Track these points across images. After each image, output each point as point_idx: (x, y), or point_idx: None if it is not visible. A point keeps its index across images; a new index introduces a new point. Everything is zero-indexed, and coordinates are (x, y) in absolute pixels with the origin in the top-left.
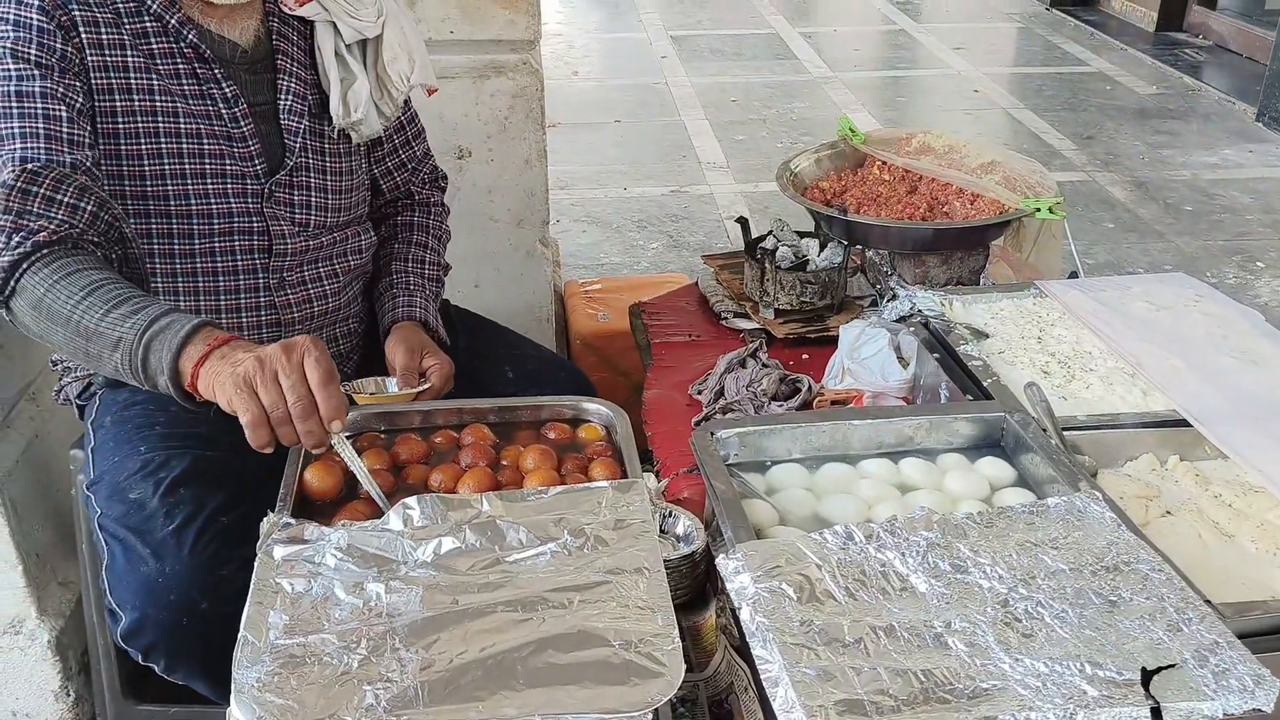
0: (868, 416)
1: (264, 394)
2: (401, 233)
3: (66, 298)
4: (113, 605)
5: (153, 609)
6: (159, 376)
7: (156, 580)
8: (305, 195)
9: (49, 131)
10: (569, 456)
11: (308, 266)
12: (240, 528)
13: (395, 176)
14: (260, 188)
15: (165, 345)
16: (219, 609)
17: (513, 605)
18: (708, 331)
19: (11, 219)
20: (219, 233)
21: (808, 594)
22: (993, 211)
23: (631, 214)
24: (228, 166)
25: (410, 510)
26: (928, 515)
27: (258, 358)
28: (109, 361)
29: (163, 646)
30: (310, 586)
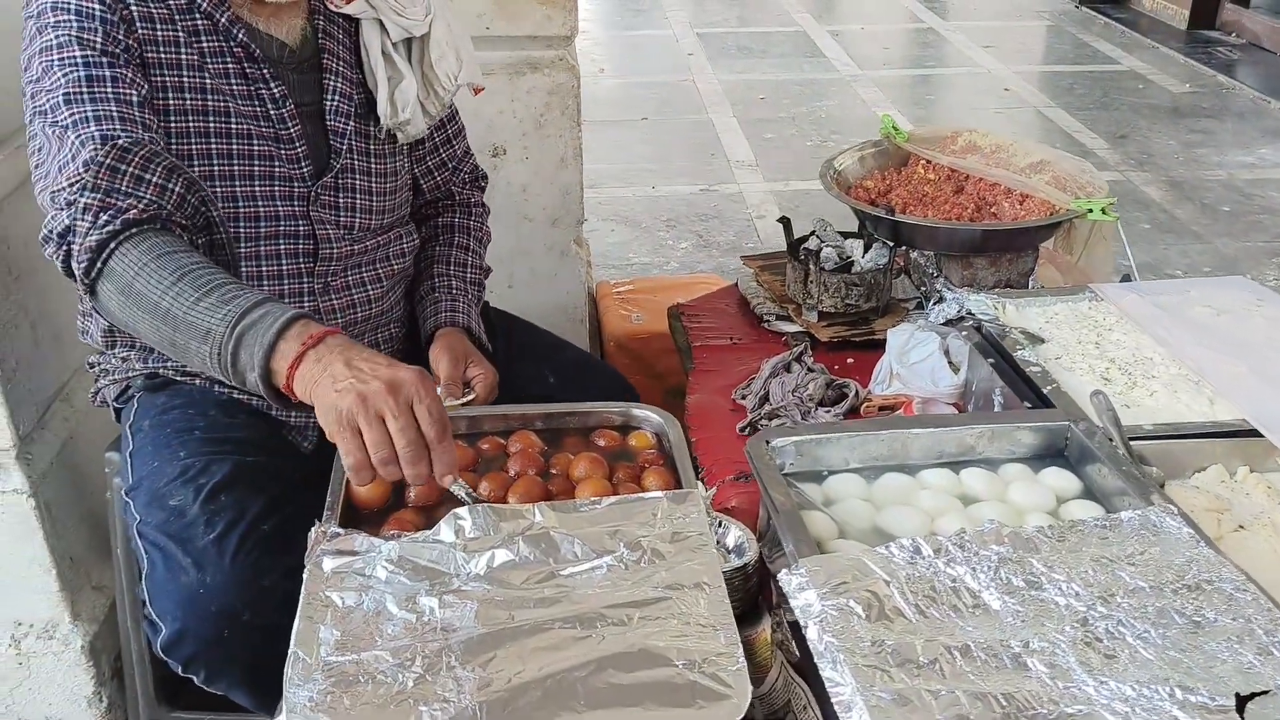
0: (927, 425)
1: (369, 436)
2: (443, 234)
3: (156, 282)
4: (152, 615)
5: (194, 620)
6: (248, 373)
7: (197, 591)
8: (351, 198)
9: (123, 114)
10: (620, 465)
11: (352, 270)
12: (281, 535)
13: (436, 176)
14: (307, 190)
15: (257, 341)
16: (260, 620)
17: (570, 622)
18: (749, 334)
19: (99, 197)
20: (265, 236)
21: (877, 611)
22: (1043, 212)
23: (660, 213)
24: (275, 169)
25: (462, 521)
26: (998, 529)
27: (360, 395)
28: (195, 353)
29: (203, 658)
30: (361, 600)
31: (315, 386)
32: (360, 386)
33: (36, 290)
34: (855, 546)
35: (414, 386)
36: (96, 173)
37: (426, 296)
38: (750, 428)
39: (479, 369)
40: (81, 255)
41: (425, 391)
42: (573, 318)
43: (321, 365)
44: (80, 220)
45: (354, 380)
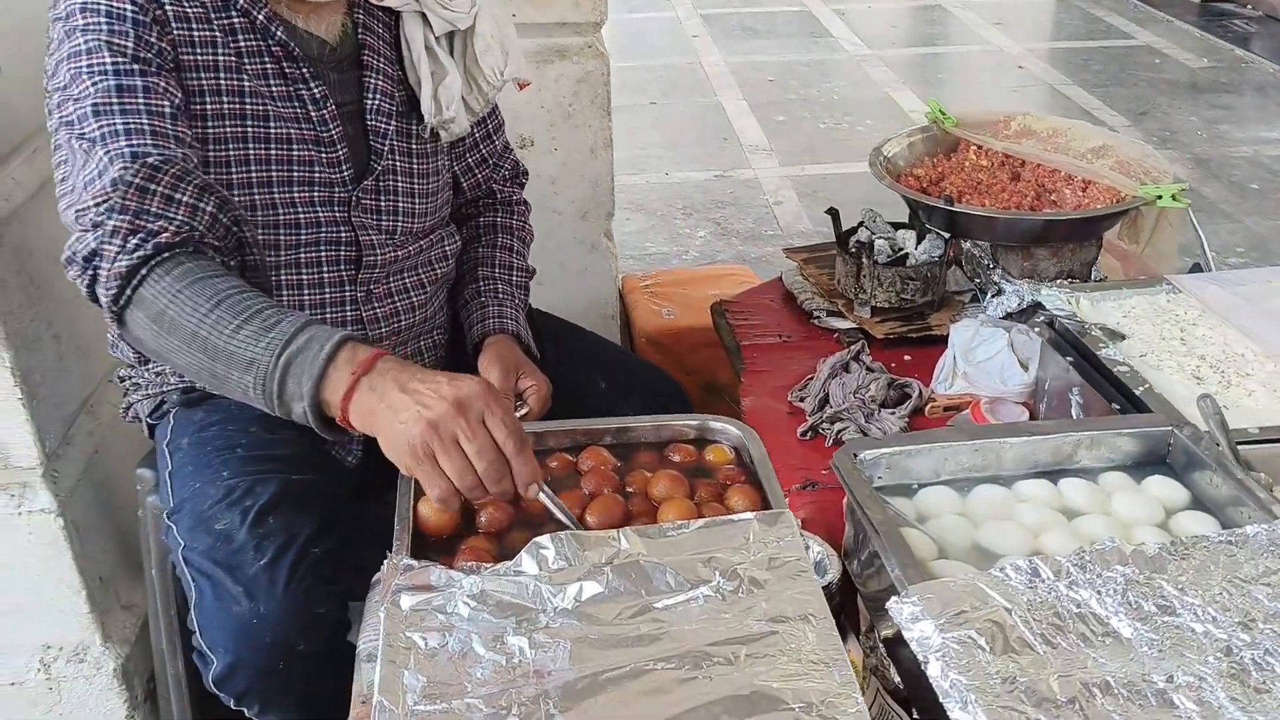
0: (1022, 434)
1: (448, 464)
2: (485, 235)
3: (192, 310)
4: (203, 647)
5: (247, 652)
6: (296, 404)
7: (250, 621)
8: (393, 200)
9: (155, 128)
10: (700, 482)
11: (394, 277)
12: (333, 558)
13: (477, 174)
14: (348, 195)
15: (305, 370)
16: (315, 649)
17: (673, 661)
18: (798, 331)
19: (129, 220)
20: (305, 244)
21: (1001, 644)
22: (1108, 199)
23: (675, 200)
24: (316, 173)
25: (544, 551)
26: (1119, 547)
27: (429, 424)
28: (237, 384)
29: (258, 691)
30: (445, 641)
31: (375, 419)
32: (426, 413)
33: (59, 301)
34: (960, 568)
35: (481, 400)
36: (125, 193)
37: (471, 302)
38: (811, 432)
39: (531, 380)
40: (110, 282)
41: (494, 403)
42: (604, 314)
43: (377, 395)
44: (108, 244)
45: (418, 408)
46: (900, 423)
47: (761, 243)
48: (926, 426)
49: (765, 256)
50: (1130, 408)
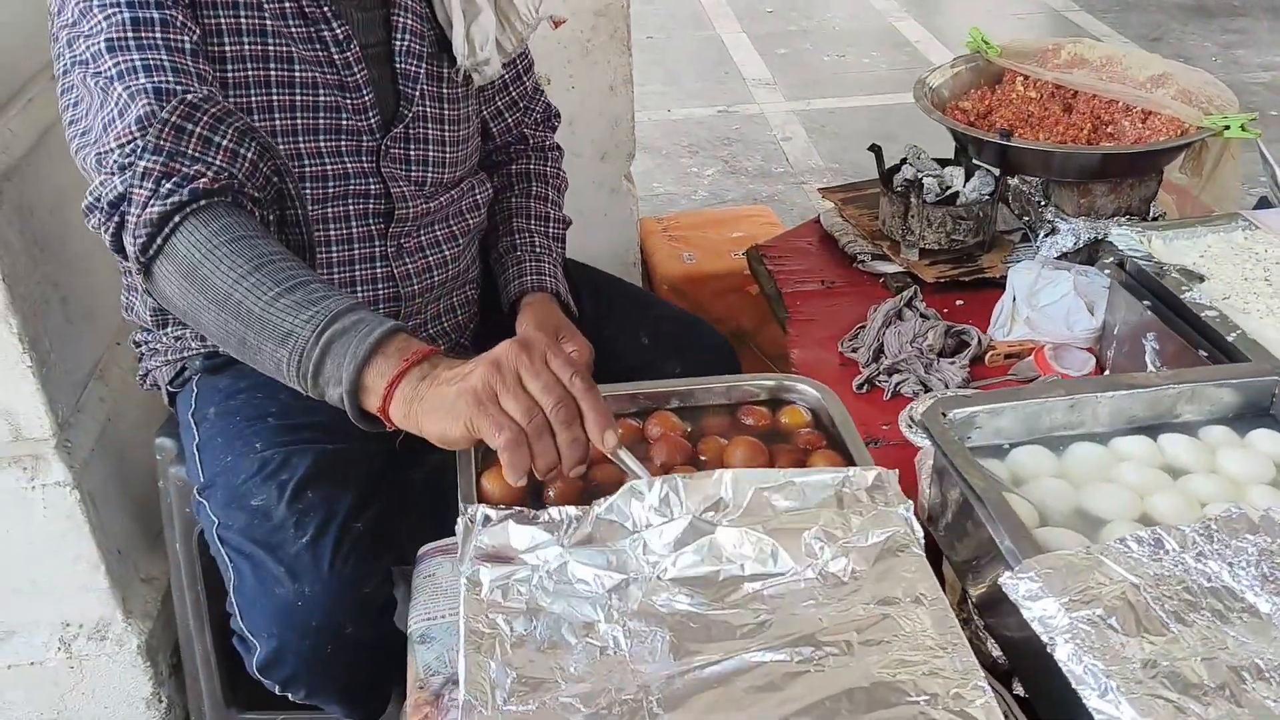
0: (1117, 387)
1: (513, 404)
2: (518, 184)
3: (229, 269)
4: (244, 632)
5: (293, 637)
6: (331, 387)
7: (295, 604)
8: (423, 149)
9: (176, 64)
10: (778, 448)
11: (425, 230)
12: (375, 534)
13: (506, 118)
14: (376, 144)
15: (348, 351)
16: (364, 632)
17: (782, 651)
18: (841, 276)
19: (162, 161)
20: (332, 197)
21: (1134, 623)
22: (1171, 131)
23: (680, 138)
24: (343, 121)
25: (638, 499)
26: (1247, 513)
27: (491, 362)
28: (269, 357)
29: (304, 677)
30: (532, 625)
31: (421, 404)
32: (488, 356)
33: (65, 262)
34: (1069, 536)
35: (544, 344)
36: (160, 131)
37: (507, 256)
38: (868, 385)
39: (573, 344)
40: (139, 230)
41: (557, 346)
42: (625, 260)
43: (429, 381)
44: (138, 187)
45: (475, 363)
46: (961, 373)
47: (772, 180)
48: (988, 375)
49: (777, 195)
50: (1220, 355)
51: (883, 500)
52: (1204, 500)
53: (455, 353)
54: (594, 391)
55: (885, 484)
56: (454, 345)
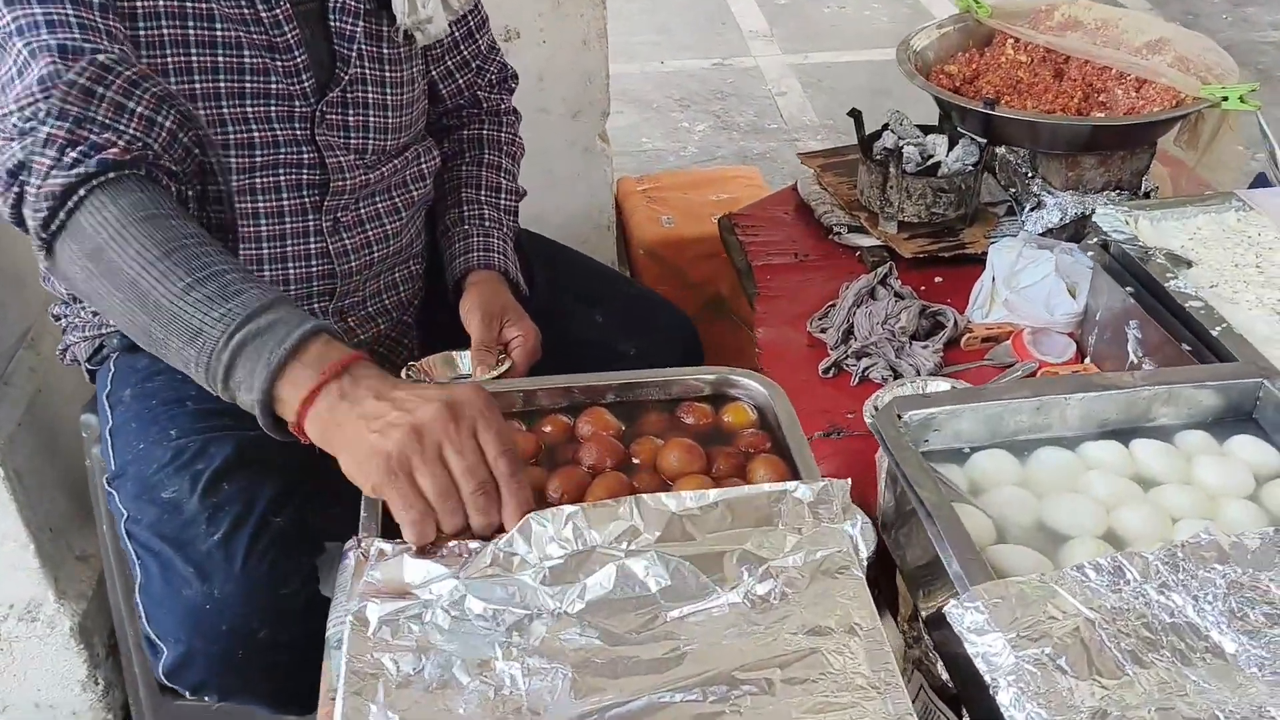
0: (1088, 388)
1: (428, 482)
2: (469, 150)
3: (137, 253)
4: (151, 635)
5: (201, 641)
6: (243, 393)
7: (203, 606)
8: (362, 115)
9: (82, 19)
10: (717, 451)
11: (365, 203)
12: (298, 528)
13: (458, 78)
14: (310, 110)
15: (261, 356)
16: (281, 636)
17: (695, 690)
18: (816, 249)
19: (67, 127)
20: (261, 168)
21: (1085, 664)
22: (1165, 101)
23: (672, 91)
24: (272, 85)
25: (541, 529)
26: (1217, 540)
27: (413, 427)
28: (177, 354)
29: (215, 683)
30: (421, 664)
31: (339, 432)
32: (409, 417)
33: None
34: (1026, 555)
35: (477, 409)
36: (66, 94)
37: (454, 229)
38: (835, 369)
39: (517, 329)
40: (40, 203)
41: (491, 413)
42: (598, 224)
43: (348, 403)
44: (39, 155)
45: (399, 412)
46: (934, 357)
47: (764, 136)
48: (963, 360)
49: (769, 152)
50: (1203, 350)
51: (827, 515)
52: (1176, 515)
53: (398, 330)
54: (518, 477)
55: (832, 497)
56: (396, 323)
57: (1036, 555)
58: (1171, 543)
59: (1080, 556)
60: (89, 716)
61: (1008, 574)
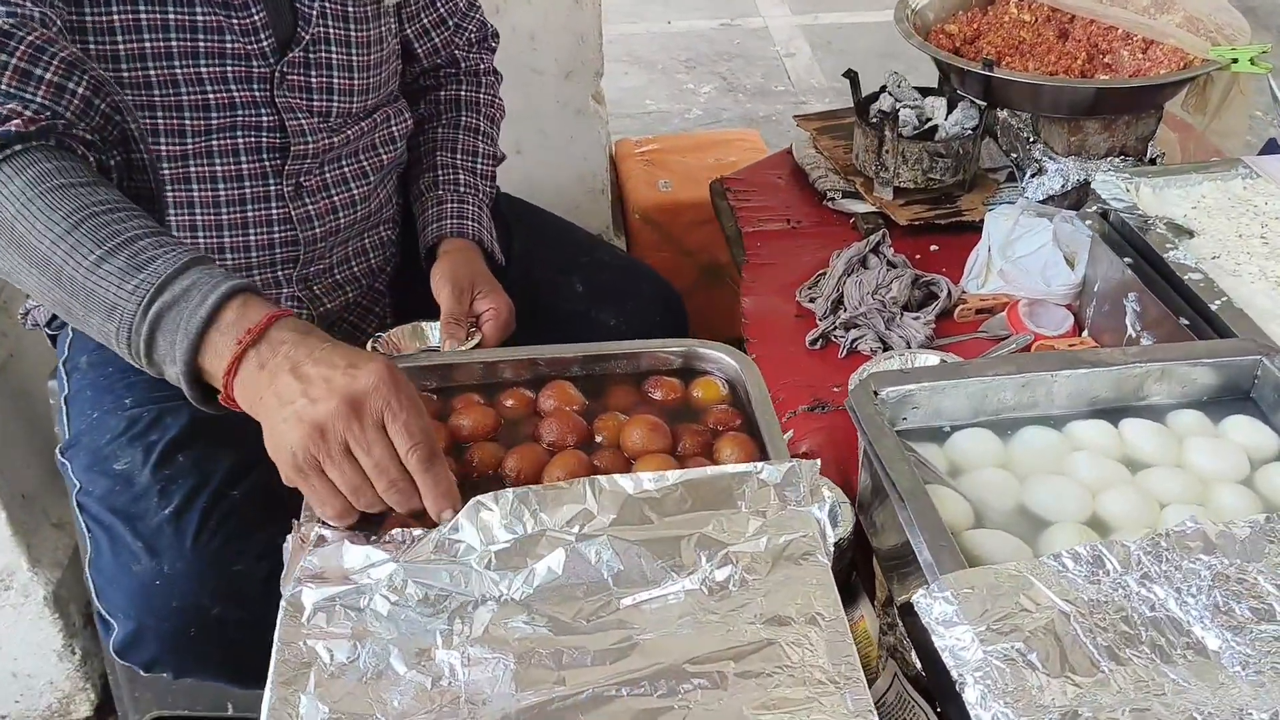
0: (1076, 365)
1: (339, 478)
2: (446, 113)
3: (46, 227)
4: (102, 611)
5: (151, 618)
6: (168, 366)
7: (153, 583)
8: (325, 76)
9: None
10: (683, 428)
11: (329, 167)
12: (255, 503)
13: (434, 37)
14: (268, 70)
15: (180, 327)
16: (235, 613)
17: (642, 684)
18: (808, 215)
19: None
20: (218, 129)
21: (1058, 660)
22: (1173, 63)
23: (677, 52)
24: (228, 44)
25: (488, 513)
26: (1203, 529)
27: (315, 427)
28: (98, 330)
29: (168, 660)
30: (356, 653)
31: (260, 404)
32: (313, 412)
33: None
34: (1003, 541)
35: (383, 398)
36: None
37: (428, 194)
38: (823, 340)
39: (489, 302)
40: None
41: (399, 399)
42: (591, 188)
43: (267, 374)
44: None
45: (304, 401)
46: (926, 329)
47: (771, 99)
48: (955, 332)
49: (774, 115)
50: (1202, 324)
51: (794, 498)
52: (1164, 500)
53: (368, 298)
54: (432, 469)
55: (799, 478)
56: (366, 290)
57: (1015, 541)
58: (1156, 531)
59: (1061, 543)
60: (66, 686)
61: (983, 561)
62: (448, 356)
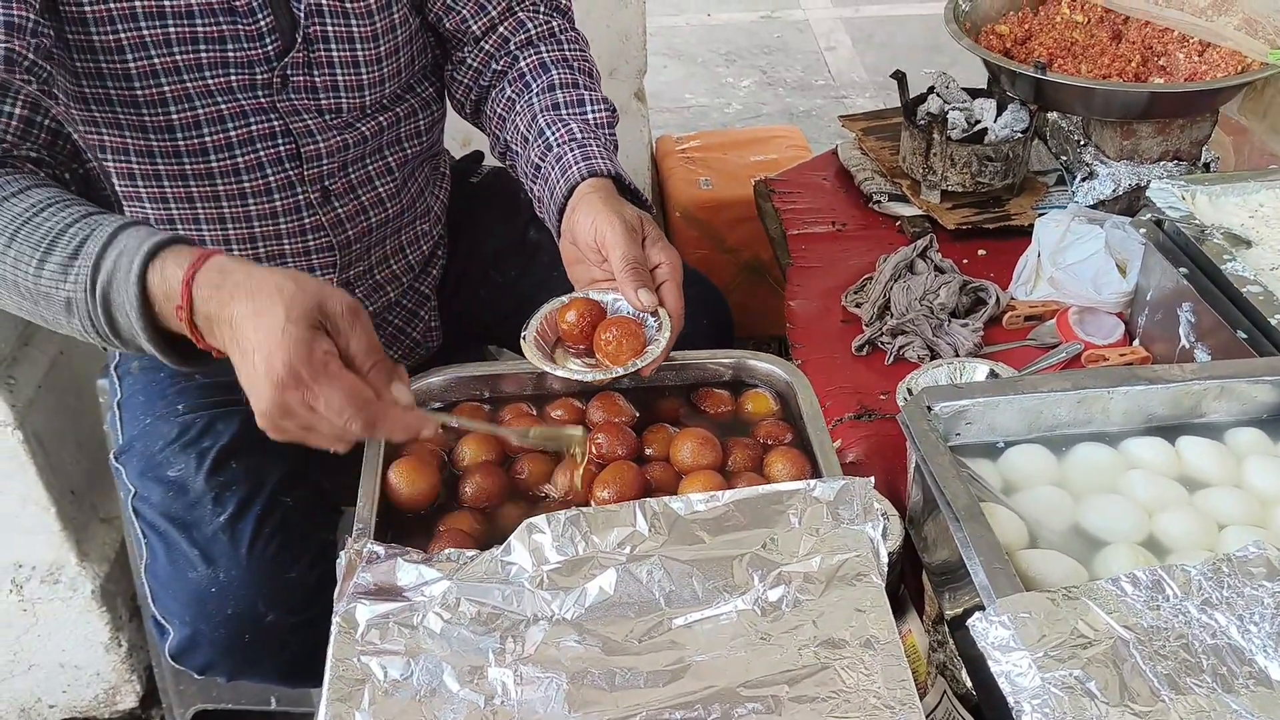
0: (1133, 381)
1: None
2: (534, 81)
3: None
4: (157, 615)
5: (206, 624)
6: (142, 341)
7: (209, 590)
8: (329, 75)
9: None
10: (734, 442)
11: (354, 167)
12: (306, 510)
13: (489, 9)
14: (270, 75)
15: (125, 299)
16: (290, 618)
17: (695, 707)
18: (854, 218)
19: None
20: (239, 143)
21: (1117, 689)
22: (1230, 67)
23: (718, 45)
24: (229, 53)
25: (539, 536)
26: (1267, 555)
27: (264, 414)
28: (69, 329)
29: (223, 665)
30: (410, 670)
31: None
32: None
33: None
34: (1059, 562)
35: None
36: None
37: (543, 163)
38: (869, 346)
39: (663, 253)
40: None
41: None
42: None
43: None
44: None
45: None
46: (974, 336)
47: (811, 94)
48: (1004, 340)
49: (814, 110)
50: (1260, 337)
51: (847, 516)
52: (1223, 522)
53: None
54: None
55: (853, 496)
56: (408, 289)
57: (1070, 562)
58: (1216, 554)
59: (1117, 565)
60: (112, 678)
61: (1038, 582)
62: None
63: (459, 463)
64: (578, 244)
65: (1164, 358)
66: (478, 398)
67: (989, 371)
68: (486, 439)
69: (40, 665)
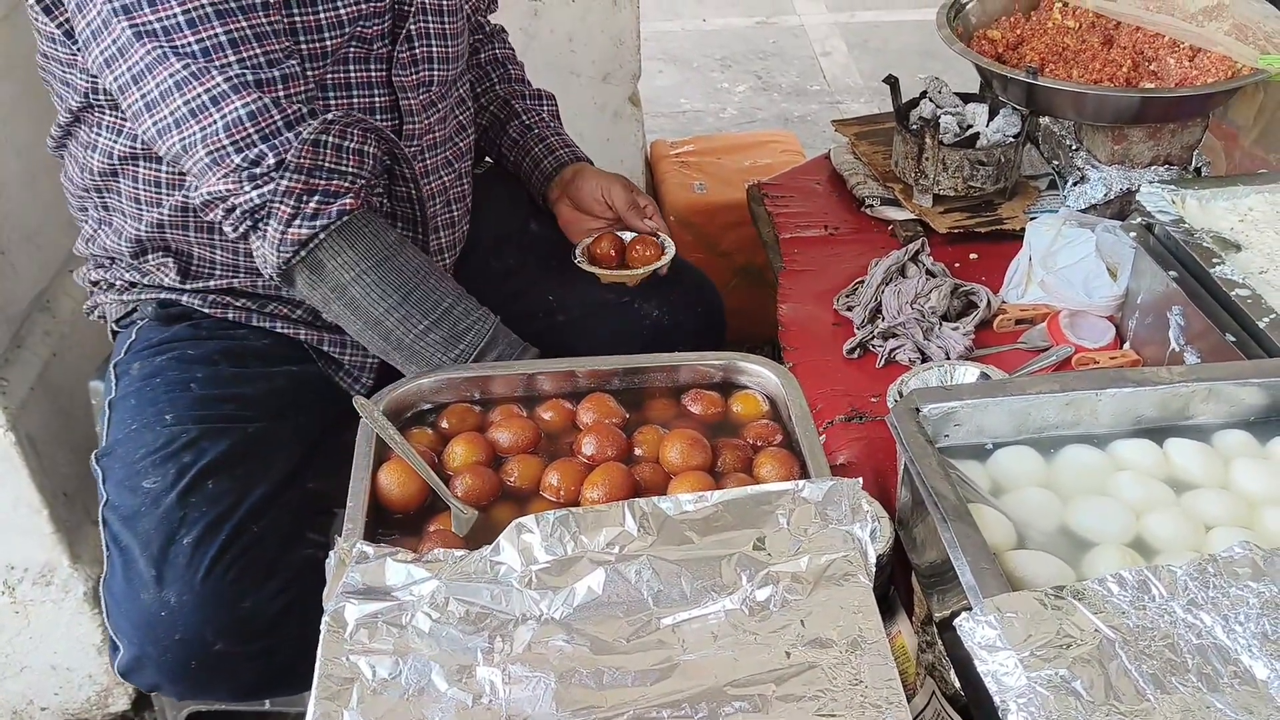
0: (1122, 384)
1: None
2: (494, 70)
3: (379, 296)
4: (110, 631)
5: (154, 648)
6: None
7: (158, 614)
8: (427, 46)
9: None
10: (723, 443)
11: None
12: (276, 537)
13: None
14: (386, 50)
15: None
16: (237, 648)
17: (683, 706)
18: (847, 222)
19: (302, 179)
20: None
21: (1103, 688)
22: (1220, 72)
23: (713, 50)
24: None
25: (529, 535)
26: (1252, 555)
27: None
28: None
29: (170, 688)
30: (398, 669)
31: None
32: None
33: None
34: (1046, 563)
35: None
36: (300, 151)
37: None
38: (860, 349)
39: (643, 196)
40: (285, 246)
41: None
42: None
43: None
44: (280, 204)
45: None
46: (965, 340)
47: (806, 99)
48: (995, 343)
49: (810, 115)
50: (1249, 342)
51: (835, 517)
52: (1210, 523)
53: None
54: None
55: (841, 496)
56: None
57: (1058, 563)
58: (1202, 556)
59: (1105, 566)
60: (104, 680)
61: (1026, 582)
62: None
63: (449, 464)
64: (581, 203)
65: (1154, 361)
66: (468, 399)
67: (979, 374)
68: (475, 439)
69: (32, 667)
